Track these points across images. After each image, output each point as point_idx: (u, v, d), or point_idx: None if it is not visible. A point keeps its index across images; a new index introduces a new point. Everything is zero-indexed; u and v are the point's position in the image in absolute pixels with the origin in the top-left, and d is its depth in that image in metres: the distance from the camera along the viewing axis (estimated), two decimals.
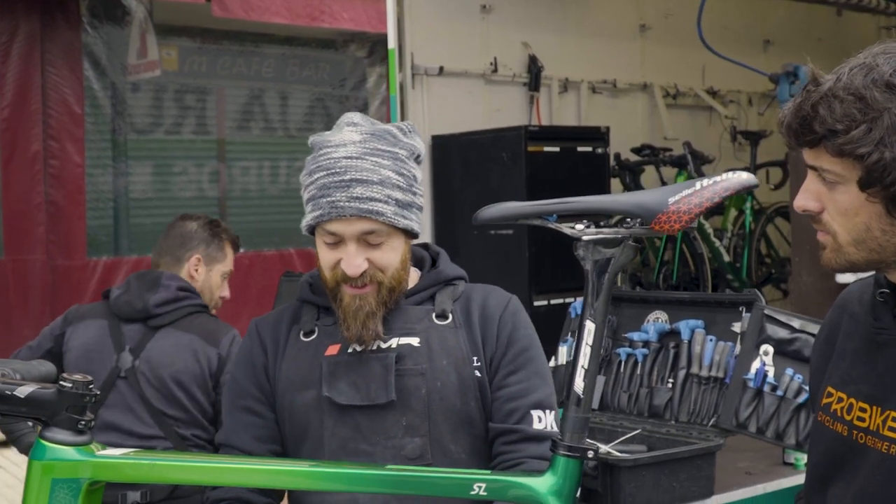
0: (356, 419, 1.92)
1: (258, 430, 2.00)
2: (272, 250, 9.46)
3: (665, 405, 3.24)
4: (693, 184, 1.47)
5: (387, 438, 1.92)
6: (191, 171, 9.57)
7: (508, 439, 1.96)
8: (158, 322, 3.20)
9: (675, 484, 2.88)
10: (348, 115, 2.04)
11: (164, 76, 9.01)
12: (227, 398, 2.07)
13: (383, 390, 1.91)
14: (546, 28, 5.74)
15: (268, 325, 2.08)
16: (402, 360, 1.94)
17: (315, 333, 2.01)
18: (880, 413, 1.53)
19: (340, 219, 1.91)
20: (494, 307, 2.04)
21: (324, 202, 1.92)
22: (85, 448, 1.63)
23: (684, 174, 5.77)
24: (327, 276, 1.97)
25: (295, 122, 10.27)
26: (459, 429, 1.96)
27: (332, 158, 1.94)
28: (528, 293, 4.76)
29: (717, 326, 3.24)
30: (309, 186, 1.96)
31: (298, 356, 2.00)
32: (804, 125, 1.49)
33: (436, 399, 1.94)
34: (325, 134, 2.02)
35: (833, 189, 1.50)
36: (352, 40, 10.01)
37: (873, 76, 1.45)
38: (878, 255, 1.51)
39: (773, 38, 6.85)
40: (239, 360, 2.08)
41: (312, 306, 2.07)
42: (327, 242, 1.95)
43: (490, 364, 2.00)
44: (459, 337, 1.99)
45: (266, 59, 9.98)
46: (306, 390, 1.96)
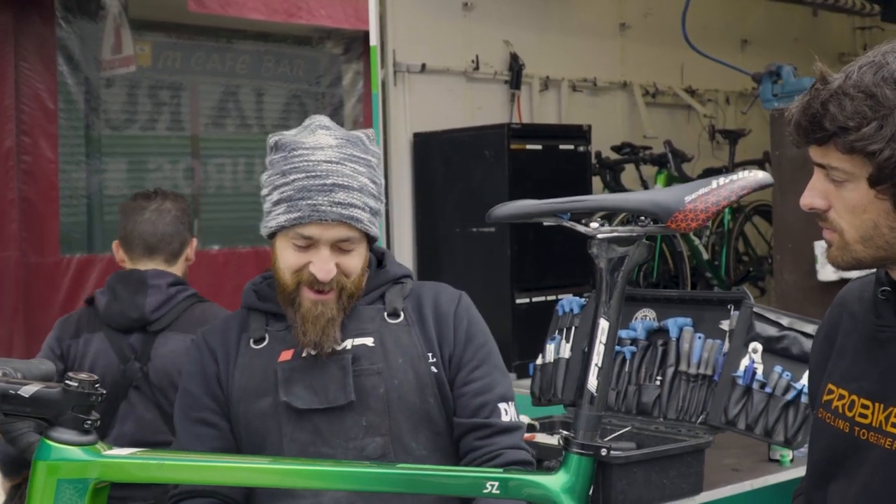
0: (315, 423, 1.92)
1: (214, 442, 1.99)
2: (247, 247, 9.40)
3: (654, 402, 3.25)
4: (709, 182, 1.47)
5: (347, 440, 1.92)
6: (165, 167, 9.49)
7: (482, 434, 1.98)
8: (158, 326, 3.07)
9: (665, 481, 2.89)
10: (317, 117, 2.02)
11: (138, 72, 8.93)
12: (180, 409, 2.04)
13: (342, 392, 1.91)
14: (527, 26, 5.75)
15: (216, 335, 2.05)
16: (357, 360, 1.94)
17: (266, 340, 2.00)
18: (883, 410, 1.55)
19: (320, 223, 1.90)
20: (447, 304, 2.05)
21: (304, 204, 1.90)
22: (91, 448, 1.61)
23: (664, 172, 5.80)
24: (287, 279, 1.94)
25: (270, 119, 10.20)
26: (419, 426, 1.97)
27: (311, 161, 1.92)
28: (510, 291, 4.77)
29: (706, 324, 3.25)
30: (282, 187, 1.92)
31: (251, 364, 1.98)
32: (814, 123, 1.50)
33: (394, 397, 1.95)
34: (290, 134, 1.99)
35: (841, 187, 1.51)
36: (328, 37, 9.95)
37: (883, 74, 1.46)
38: (884, 253, 1.52)
39: (750, 38, 6.90)
40: (190, 371, 2.05)
41: (260, 313, 2.04)
42: (297, 245, 1.92)
43: (450, 361, 2.01)
44: (413, 334, 2.00)
45: (241, 56, 9.91)
46: (262, 398, 1.95)
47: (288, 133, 2.00)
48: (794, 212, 4.22)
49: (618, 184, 5.78)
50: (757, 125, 6.48)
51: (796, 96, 4.81)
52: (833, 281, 4.01)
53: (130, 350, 3.04)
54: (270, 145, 2.01)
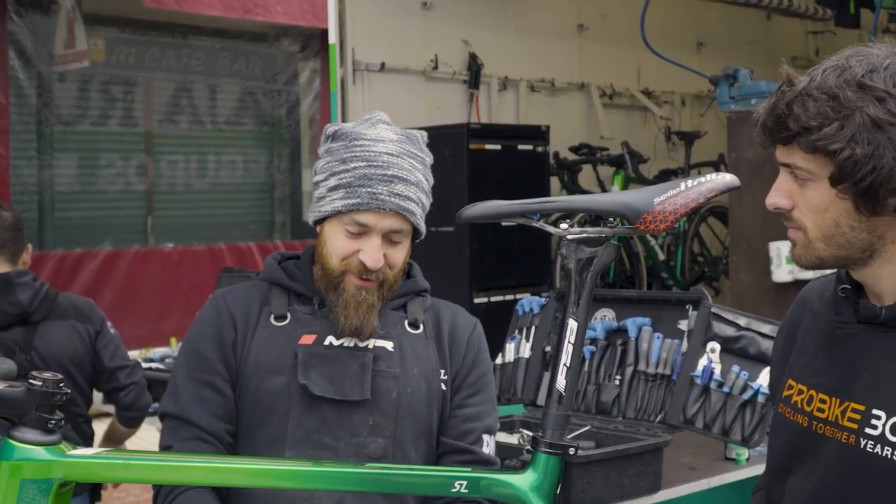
0: (324, 412, 1.92)
1: (217, 409, 1.95)
2: (201, 245, 9.33)
3: (613, 402, 3.28)
4: (678, 184, 1.49)
5: (352, 435, 1.92)
6: (118, 164, 9.39)
7: (462, 458, 2.01)
8: (37, 317, 3.40)
9: (625, 480, 2.91)
10: (377, 113, 2.06)
11: (91, 67, 8.82)
12: (186, 368, 2.00)
13: (358, 387, 1.92)
14: (486, 26, 5.77)
15: (238, 301, 2.02)
16: (376, 361, 1.95)
17: (287, 319, 1.98)
18: (839, 404, 1.58)
19: (377, 211, 1.93)
20: (463, 328, 2.09)
21: (363, 192, 1.92)
22: (55, 448, 1.59)
23: (621, 173, 5.85)
24: (334, 265, 1.95)
25: (224, 116, 10.15)
26: (421, 436, 1.98)
27: (373, 151, 1.94)
28: (468, 290, 4.78)
29: (664, 324, 3.28)
30: (342, 174, 1.94)
31: (269, 340, 1.96)
32: (778, 122, 1.53)
33: (405, 404, 1.96)
34: (349, 126, 2.01)
35: (805, 186, 1.54)
36: (284, 34, 9.92)
37: (846, 77, 1.49)
38: (845, 252, 1.55)
39: (705, 41, 6.98)
40: (204, 331, 2.00)
41: (283, 290, 2.03)
42: (350, 231, 1.94)
43: (453, 381, 2.04)
44: (430, 348, 2.03)
45: (196, 52, 9.84)
46: (276, 376, 1.94)
47: (347, 125, 2.02)
48: (750, 213, 4.29)
49: (575, 184, 5.82)
50: (712, 127, 6.55)
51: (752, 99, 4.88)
52: (788, 282, 4.07)
53: (13, 344, 3.32)
54: (328, 134, 2.01)
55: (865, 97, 1.47)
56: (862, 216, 1.51)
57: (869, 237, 1.53)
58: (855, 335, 1.59)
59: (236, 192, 10.10)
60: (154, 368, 4.92)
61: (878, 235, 1.53)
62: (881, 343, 1.55)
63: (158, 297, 8.53)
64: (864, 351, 1.57)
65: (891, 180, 1.46)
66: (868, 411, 1.53)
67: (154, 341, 6.55)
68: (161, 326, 7.76)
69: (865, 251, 1.54)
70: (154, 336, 6.83)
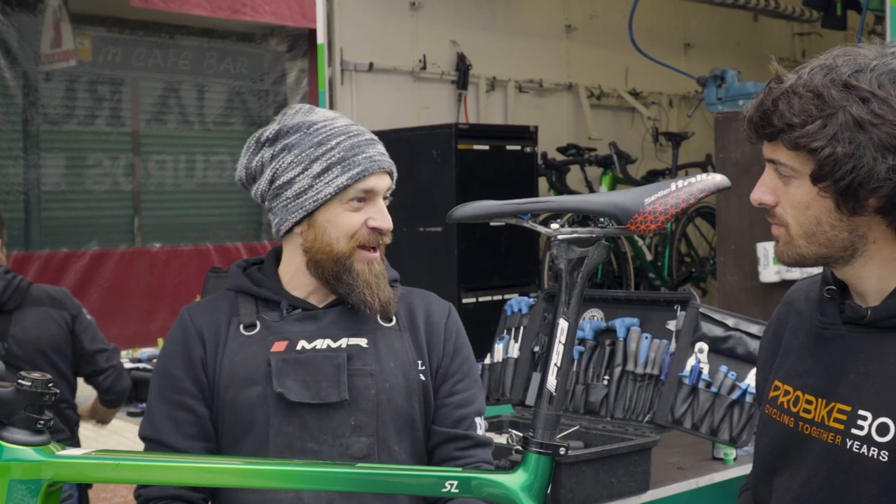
0: (304, 417, 1.91)
1: (190, 428, 1.95)
2: (189, 245, 9.32)
3: (601, 402, 3.28)
4: (668, 184, 1.49)
5: (334, 437, 1.91)
6: (105, 163, 9.38)
7: (461, 445, 2.01)
8: (11, 306, 3.59)
9: (613, 479, 2.92)
10: (296, 105, 2.06)
11: (78, 66, 8.80)
12: (157, 390, 1.98)
13: (335, 389, 1.90)
14: (474, 26, 5.77)
15: (203, 315, 2.01)
16: (351, 360, 1.94)
17: (257, 327, 1.97)
18: (825, 405, 1.59)
19: (378, 172, 1.95)
20: (438, 315, 2.08)
21: (360, 159, 1.94)
22: (44, 448, 1.58)
23: (609, 174, 5.85)
24: (343, 248, 1.94)
25: (212, 116, 10.14)
26: (403, 430, 1.97)
27: (339, 126, 1.97)
28: (456, 291, 4.78)
29: (653, 324, 3.29)
30: (325, 154, 1.93)
31: (241, 350, 1.95)
32: (764, 119, 1.55)
33: (384, 400, 1.95)
34: (287, 120, 2.00)
35: (788, 183, 1.56)
36: (272, 34, 9.91)
37: (832, 76, 1.51)
38: (826, 250, 1.56)
39: (693, 42, 6.99)
40: (172, 350, 1.98)
41: (249, 298, 2.01)
42: (356, 203, 1.94)
43: (437, 370, 2.03)
44: (405, 340, 2.01)
45: (183, 51, 9.83)
46: (251, 386, 1.92)
47: (279, 122, 2.01)
48: (738, 214, 4.30)
49: (563, 185, 5.82)
50: (699, 128, 6.57)
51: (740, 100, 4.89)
52: (774, 282, 4.09)
53: None
54: (270, 136, 1.99)
55: (850, 97, 1.49)
56: (843, 215, 1.52)
57: (850, 236, 1.54)
58: (840, 336, 1.60)
59: (224, 193, 10.09)
60: (141, 369, 4.90)
61: (860, 235, 1.54)
62: (866, 344, 1.56)
63: (145, 297, 8.52)
64: (849, 352, 1.58)
65: (870, 180, 1.47)
66: (854, 412, 1.54)
67: (141, 341, 6.53)
68: (148, 326, 7.75)
69: (847, 250, 1.55)
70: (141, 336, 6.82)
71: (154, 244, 9.24)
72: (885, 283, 1.56)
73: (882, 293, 1.56)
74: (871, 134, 1.47)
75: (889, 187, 1.47)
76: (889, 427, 1.49)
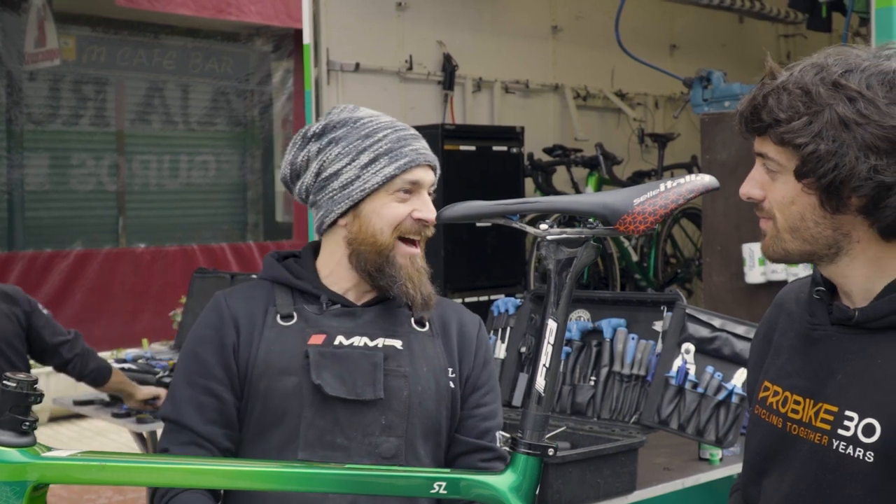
0: (336, 412, 1.90)
1: (213, 413, 1.93)
2: (174, 246, 9.29)
3: (588, 402, 3.29)
4: (657, 185, 1.49)
5: (364, 435, 1.91)
6: (89, 163, 9.35)
7: (486, 457, 2.03)
8: None
9: (600, 480, 2.92)
10: (338, 106, 2.07)
11: (62, 66, 8.77)
12: (184, 372, 1.97)
13: (370, 387, 1.91)
14: (461, 27, 5.77)
15: (239, 302, 1.99)
16: (386, 360, 1.94)
17: (294, 318, 1.96)
18: (813, 405, 1.59)
19: (423, 165, 1.97)
20: (471, 326, 2.10)
21: (407, 150, 1.96)
22: (29, 450, 1.57)
23: (595, 175, 5.86)
24: (387, 239, 1.95)
25: (197, 116, 10.11)
26: (430, 435, 1.98)
27: (384, 121, 2.00)
28: (442, 292, 4.77)
29: (639, 325, 3.30)
30: (373, 146, 1.95)
31: (278, 340, 1.94)
32: (754, 113, 1.56)
33: (415, 403, 1.95)
34: (335, 117, 2.01)
35: (775, 178, 1.57)
36: (257, 34, 9.89)
37: (822, 75, 1.52)
38: (810, 247, 1.57)
39: (678, 43, 7.01)
40: (205, 334, 1.97)
41: (286, 290, 2.01)
42: (402, 194, 1.95)
43: (467, 380, 2.05)
44: (437, 346, 2.02)
45: (168, 51, 9.80)
46: (287, 377, 1.91)
47: (325, 119, 2.03)
48: (724, 215, 4.31)
49: (549, 185, 5.83)
50: (685, 129, 6.59)
51: (726, 101, 4.88)
52: (760, 283, 4.10)
53: None
54: (317, 130, 1.99)
55: (837, 95, 1.49)
56: (826, 212, 1.53)
57: (834, 234, 1.54)
58: (829, 337, 1.61)
59: (209, 193, 10.07)
60: (126, 369, 4.88)
61: (844, 233, 1.54)
62: (854, 345, 1.57)
63: (130, 297, 8.49)
64: (837, 352, 1.58)
65: (851, 179, 1.48)
66: (841, 412, 1.54)
67: (126, 342, 6.51)
68: (133, 327, 7.72)
69: (831, 248, 1.56)
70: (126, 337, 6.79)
71: (139, 244, 9.21)
72: (871, 283, 1.56)
73: (868, 293, 1.57)
74: (855, 133, 1.47)
75: (870, 187, 1.48)
76: (875, 428, 1.50)
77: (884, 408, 1.50)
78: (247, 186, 10.33)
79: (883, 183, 1.47)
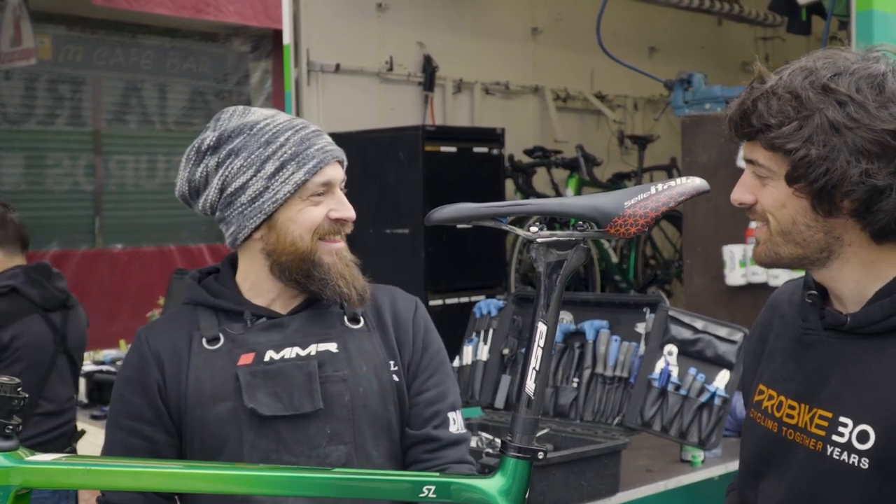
0: (278, 430, 1.85)
1: (143, 454, 1.87)
2: (151, 247, 9.22)
3: (570, 404, 3.29)
4: (648, 188, 1.49)
5: (311, 448, 1.86)
6: (65, 163, 9.26)
7: (429, 447, 1.95)
8: (70, 303, 3.88)
9: (583, 482, 2.93)
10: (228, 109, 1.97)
11: (38, 65, 8.69)
12: (113, 415, 1.92)
13: (308, 398, 1.85)
14: (441, 28, 5.76)
15: (160, 336, 1.92)
16: (322, 366, 1.88)
17: (220, 341, 1.89)
18: (808, 410, 1.59)
19: (332, 163, 1.90)
20: (405, 311, 2.02)
21: (313, 151, 1.88)
22: (13, 454, 1.55)
23: (576, 176, 5.86)
24: (308, 243, 1.87)
25: (174, 116, 10.04)
26: (380, 434, 1.92)
27: (281, 122, 1.90)
28: (423, 293, 4.76)
29: (622, 327, 3.31)
30: (276, 153, 1.86)
31: (207, 366, 1.88)
32: (743, 118, 1.56)
33: (359, 405, 1.89)
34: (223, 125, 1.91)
35: (765, 182, 1.56)
36: (235, 34, 9.83)
37: (811, 79, 1.51)
38: (802, 250, 1.57)
39: (658, 45, 7.03)
40: (128, 375, 1.91)
41: (209, 311, 1.93)
42: (315, 198, 1.88)
43: (408, 369, 1.98)
44: (374, 341, 1.95)
45: (145, 51, 9.72)
46: (220, 403, 1.86)
47: (214, 128, 1.92)
48: (704, 217, 4.32)
49: (529, 187, 5.83)
50: (664, 131, 6.61)
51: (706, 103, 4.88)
52: (741, 285, 4.11)
53: (59, 325, 3.76)
54: (211, 143, 1.90)
55: (827, 100, 1.49)
56: (818, 216, 1.53)
57: (826, 237, 1.54)
58: (821, 342, 1.60)
59: None
60: (104, 371, 4.84)
61: (835, 237, 1.54)
62: (847, 350, 1.56)
63: (107, 298, 8.42)
64: (830, 358, 1.58)
65: (843, 183, 1.47)
66: (835, 418, 1.54)
67: (103, 343, 6.45)
68: (110, 328, 7.65)
69: (823, 252, 1.55)
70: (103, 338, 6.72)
71: (116, 245, 9.13)
72: (862, 287, 1.56)
73: (859, 296, 1.56)
74: (845, 137, 1.47)
75: (862, 191, 1.47)
76: (869, 434, 1.49)
77: (878, 414, 1.49)
78: None
79: (875, 187, 1.47)
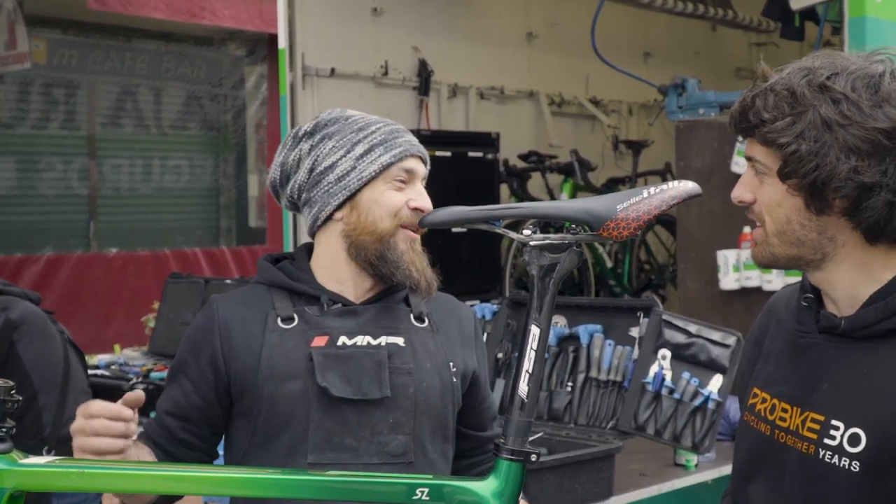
0: (344, 413, 1.90)
1: (175, 405, 1.95)
2: (146, 251, 9.21)
3: (564, 408, 3.29)
4: (640, 191, 1.50)
5: (373, 434, 1.91)
6: (59, 167, 9.25)
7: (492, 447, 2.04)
8: None
9: (577, 486, 2.93)
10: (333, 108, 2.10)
11: (32, 69, 8.68)
12: (171, 369, 2.00)
13: (376, 385, 1.90)
14: (436, 33, 5.77)
15: (233, 307, 1.98)
16: (390, 358, 1.94)
17: (294, 321, 1.95)
18: (800, 414, 1.60)
19: (417, 156, 2.01)
20: (468, 320, 2.12)
21: (401, 141, 1.99)
22: (6, 456, 1.55)
23: (570, 181, 5.88)
24: (387, 226, 1.95)
25: (169, 120, 10.04)
26: (437, 430, 1.98)
27: (375, 118, 2.04)
28: None
29: (616, 331, 3.31)
30: (366, 138, 1.98)
31: (280, 344, 1.93)
32: (742, 114, 1.58)
33: (421, 399, 1.95)
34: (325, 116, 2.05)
35: (763, 180, 1.58)
36: (231, 38, 9.84)
37: (809, 77, 1.53)
38: (797, 250, 1.58)
39: (652, 51, 7.05)
40: (192, 335, 1.99)
41: (284, 292, 1.99)
42: (398, 183, 1.97)
43: (471, 375, 2.06)
44: (438, 341, 2.02)
45: (140, 55, 9.72)
46: (291, 380, 1.91)
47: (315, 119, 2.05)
48: (698, 221, 4.33)
49: (524, 191, 5.84)
50: (659, 136, 6.62)
51: (700, 108, 4.90)
52: (734, 290, 4.12)
53: None
54: (308, 129, 2.02)
55: (822, 97, 1.51)
56: (811, 214, 1.54)
57: (819, 237, 1.55)
58: (816, 345, 1.61)
59: (181, 198, 9.99)
60: (100, 375, 4.83)
61: (829, 237, 1.55)
62: (840, 353, 1.57)
63: (102, 302, 8.40)
64: (824, 361, 1.59)
65: (832, 180, 1.49)
66: (827, 421, 1.55)
67: (98, 348, 6.43)
68: (105, 333, 7.63)
69: (817, 252, 1.56)
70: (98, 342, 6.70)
71: (110, 249, 9.11)
72: (855, 289, 1.57)
73: (853, 299, 1.57)
74: (837, 134, 1.48)
75: (850, 188, 1.49)
76: (860, 438, 1.50)
77: (869, 417, 1.50)
78: (220, 191, 10.26)
79: (864, 184, 1.48)
